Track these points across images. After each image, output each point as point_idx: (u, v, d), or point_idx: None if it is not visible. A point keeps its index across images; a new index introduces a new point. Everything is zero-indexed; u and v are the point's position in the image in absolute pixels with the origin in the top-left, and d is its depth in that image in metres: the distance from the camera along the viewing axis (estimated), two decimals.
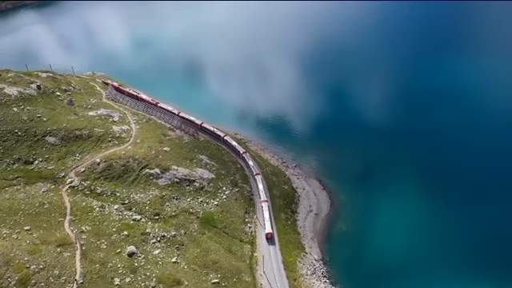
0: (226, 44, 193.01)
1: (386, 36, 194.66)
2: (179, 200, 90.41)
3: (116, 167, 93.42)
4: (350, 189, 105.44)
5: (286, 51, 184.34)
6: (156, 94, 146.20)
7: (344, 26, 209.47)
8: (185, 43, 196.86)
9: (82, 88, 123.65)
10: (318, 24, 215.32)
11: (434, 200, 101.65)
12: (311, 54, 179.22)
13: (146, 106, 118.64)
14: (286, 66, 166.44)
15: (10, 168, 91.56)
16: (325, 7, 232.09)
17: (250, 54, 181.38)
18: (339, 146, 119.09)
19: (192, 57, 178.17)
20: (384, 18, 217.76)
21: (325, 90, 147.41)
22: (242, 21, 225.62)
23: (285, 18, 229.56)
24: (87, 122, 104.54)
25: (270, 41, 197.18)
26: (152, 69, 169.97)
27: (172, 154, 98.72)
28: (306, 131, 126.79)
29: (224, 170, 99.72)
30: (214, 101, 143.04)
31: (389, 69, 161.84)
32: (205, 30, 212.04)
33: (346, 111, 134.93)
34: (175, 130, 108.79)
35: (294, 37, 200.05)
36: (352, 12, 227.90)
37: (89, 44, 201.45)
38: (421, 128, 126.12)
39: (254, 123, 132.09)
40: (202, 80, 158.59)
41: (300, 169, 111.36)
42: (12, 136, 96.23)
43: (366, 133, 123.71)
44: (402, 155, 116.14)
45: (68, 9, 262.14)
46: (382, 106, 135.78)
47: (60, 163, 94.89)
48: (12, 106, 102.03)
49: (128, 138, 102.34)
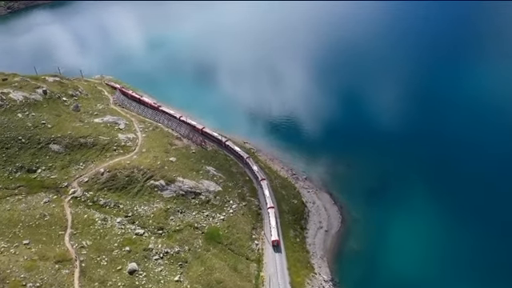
0: (238, 45, 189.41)
1: (400, 37, 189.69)
2: (184, 214, 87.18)
3: (120, 178, 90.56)
4: (362, 204, 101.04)
5: (298, 53, 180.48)
6: (164, 97, 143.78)
7: (358, 26, 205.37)
8: (197, 44, 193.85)
9: (89, 93, 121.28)
10: (332, 24, 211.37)
11: (450, 216, 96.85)
12: (324, 55, 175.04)
13: (152, 113, 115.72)
14: (298, 69, 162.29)
15: (13, 176, 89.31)
16: (339, 7, 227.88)
17: (262, 56, 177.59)
18: (352, 156, 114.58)
19: (204, 59, 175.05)
20: (398, 18, 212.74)
21: (337, 95, 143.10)
22: (256, 21, 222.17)
23: (298, 17, 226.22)
24: (92, 129, 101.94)
25: (282, 42, 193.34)
26: (163, 71, 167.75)
27: (178, 165, 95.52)
28: (317, 139, 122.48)
29: (231, 183, 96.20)
30: (224, 106, 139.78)
31: (403, 71, 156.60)
32: (217, 30, 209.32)
33: (358, 118, 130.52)
34: (182, 138, 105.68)
35: (308, 37, 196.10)
36: (366, 12, 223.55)
37: (100, 45, 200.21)
38: (438, 137, 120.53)
39: (263, 130, 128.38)
40: (213, 84, 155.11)
41: (310, 181, 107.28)
42: (15, 143, 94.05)
43: (379, 142, 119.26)
44: (417, 167, 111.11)
45: (81, 9, 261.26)
46: (396, 112, 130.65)
47: (63, 172, 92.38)
48: (17, 112, 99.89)
49: (133, 147, 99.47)
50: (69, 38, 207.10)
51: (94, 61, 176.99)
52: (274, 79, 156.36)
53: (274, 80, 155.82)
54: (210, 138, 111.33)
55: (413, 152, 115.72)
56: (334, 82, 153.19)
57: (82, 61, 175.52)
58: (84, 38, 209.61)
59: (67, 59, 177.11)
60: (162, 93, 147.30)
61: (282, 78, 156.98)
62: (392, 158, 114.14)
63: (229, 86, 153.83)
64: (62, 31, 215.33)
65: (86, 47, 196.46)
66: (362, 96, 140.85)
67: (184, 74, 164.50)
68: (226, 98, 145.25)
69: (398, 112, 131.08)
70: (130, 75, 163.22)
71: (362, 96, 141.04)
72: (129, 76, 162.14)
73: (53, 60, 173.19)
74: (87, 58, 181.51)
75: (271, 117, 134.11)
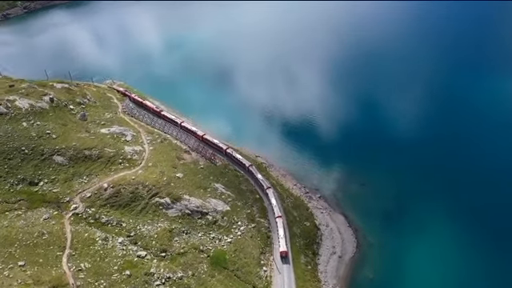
0: (255, 47, 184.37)
1: (421, 38, 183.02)
2: (189, 235, 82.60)
3: (124, 194, 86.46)
4: (378, 227, 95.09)
5: (317, 55, 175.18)
6: (173, 103, 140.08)
7: (379, 27, 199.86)
8: (214, 46, 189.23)
9: (97, 100, 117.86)
10: (352, 24, 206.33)
11: (472, 244, 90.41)
12: (343, 57, 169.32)
13: (161, 123, 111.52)
14: (315, 73, 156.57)
15: (14, 189, 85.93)
16: (359, 7, 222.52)
17: (279, 60, 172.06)
18: (367, 173, 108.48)
19: (220, 62, 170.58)
20: (420, 18, 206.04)
21: (355, 103, 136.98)
22: (274, 21, 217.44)
23: (318, 17, 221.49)
24: (98, 140, 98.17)
25: (301, 43, 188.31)
26: (176, 75, 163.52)
27: (185, 182, 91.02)
28: (333, 153, 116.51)
29: (241, 202, 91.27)
30: (237, 115, 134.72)
31: (424, 76, 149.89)
32: (236, 31, 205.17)
33: (375, 130, 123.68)
34: (191, 152, 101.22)
35: (327, 38, 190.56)
36: (387, 12, 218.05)
37: (115, 47, 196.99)
38: (460, 154, 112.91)
39: (277, 142, 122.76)
40: (228, 89, 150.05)
41: (324, 200, 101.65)
42: (18, 154, 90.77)
43: (396, 158, 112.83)
44: (437, 187, 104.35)
45: (98, 9, 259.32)
46: (414, 124, 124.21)
47: (66, 186, 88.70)
48: (21, 121, 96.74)
49: (139, 161, 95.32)
50: (83, 39, 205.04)
51: (107, 63, 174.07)
52: (290, 84, 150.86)
53: (290, 85, 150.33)
54: (211, 146, 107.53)
55: (433, 170, 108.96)
56: (353, 89, 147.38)
57: (95, 64, 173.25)
58: (99, 39, 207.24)
59: (80, 62, 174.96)
60: (172, 98, 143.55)
61: (299, 83, 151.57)
62: (410, 176, 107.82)
63: (244, 93, 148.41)
64: (77, 32, 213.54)
65: (101, 49, 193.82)
66: (380, 104, 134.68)
67: (197, 78, 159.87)
68: (241, 106, 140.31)
69: (416, 124, 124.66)
70: (142, 79, 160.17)
71: (379, 104, 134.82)
72: (141, 80, 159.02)
73: (65, 63, 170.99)
74: (101, 60, 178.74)
75: (285, 127, 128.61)
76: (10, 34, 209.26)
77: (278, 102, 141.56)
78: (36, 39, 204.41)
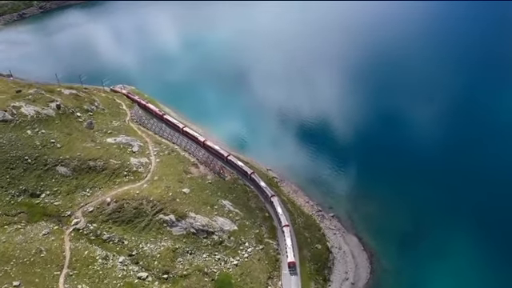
0: (272, 49, 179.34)
1: (441, 39, 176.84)
2: (193, 255, 78.42)
3: (127, 209, 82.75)
4: (396, 251, 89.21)
5: (334, 58, 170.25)
6: (184, 108, 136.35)
7: (398, 28, 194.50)
8: (229, 48, 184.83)
9: (106, 107, 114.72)
10: (371, 25, 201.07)
11: (502, 274, 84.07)
12: (362, 62, 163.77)
13: (169, 133, 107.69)
14: (332, 78, 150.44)
15: (14, 201, 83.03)
16: (380, 7, 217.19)
17: (295, 64, 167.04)
18: (386, 194, 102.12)
19: (235, 65, 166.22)
20: (441, 19, 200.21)
21: (374, 116, 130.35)
22: (292, 22, 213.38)
23: (336, 17, 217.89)
24: (104, 150, 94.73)
25: (318, 44, 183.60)
26: (189, 78, 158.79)
27: (191, 198, 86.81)
28: (349, 170, 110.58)
29: (249, 221, 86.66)
30: (249, 124, 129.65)
31: (447, 83, 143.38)
32: (253, 31, 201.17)
33: (396, 147, 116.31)
34: (199, 165, 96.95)
35: (344, 40, 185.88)
36: (407, 12, 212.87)
37: (129, 49, 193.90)
38: (484, 173, 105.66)
39: (289, 155, 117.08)
40: (241, 95, 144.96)
41: (338, 220, 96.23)
42: (21, 163, 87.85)
43: (415, 176, 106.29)
44: (458, 209, 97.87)
45: (115, 9, 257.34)
46: (440, 140, 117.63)
47: (68, 198, 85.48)
48: (26, 129, 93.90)
49: (145, 174, 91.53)
50: (97, 40, 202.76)
51: (120, 66, 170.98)
52: (306, 90, 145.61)
53: (306, 91, 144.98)
54: (212, 152, 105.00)
55: (455, 192, 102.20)
56: (371, 97, 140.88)
57: (107, 66, 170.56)
58: (113, 40, 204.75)
59: (93, 64, 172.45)
60: (184, 104, 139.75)
61: (315, 88, 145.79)
62: (430, 197, 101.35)
63: (258, 98, 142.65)
64: (91, 33, 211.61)
65: (114, 51, 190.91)
66: (400, 115, 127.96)
67: (211, 82, 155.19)
68: (254, 113, 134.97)
69: (439, 140, 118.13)
70: (154, 83, 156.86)
71: (399, 115, 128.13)
72: (153, 83, 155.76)
73: (78, 64, 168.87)
74: (113, 62, 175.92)
75: (299, 138, 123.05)
76: (26, 33, 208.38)
77: (293, 110, 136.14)
78: (51, 39, 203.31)
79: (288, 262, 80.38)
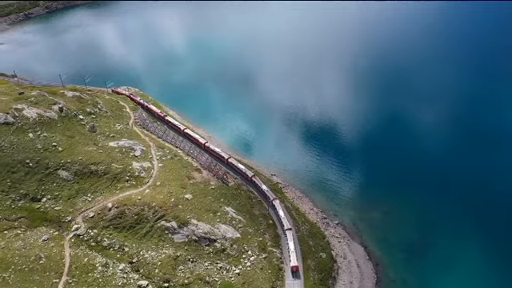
0: (277, 51, 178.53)
1: (458, 42, 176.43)
2: (195, 263, 76.85)
3: (128, 215, 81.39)
4: (402, 261, 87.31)
5: (343, 62, 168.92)
6: (189, 112, 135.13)
7: (416, 29, 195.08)
8: (240, 50, 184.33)
9: (109, 110, 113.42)
10: (383, 25, 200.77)
11: (509, 284, 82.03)
12: (371, 66, 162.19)
13: (173, 137, 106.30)
14: (340, 85, 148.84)
15: (15, 205, 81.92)
16: (400, 5, 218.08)
17: (300, 65, 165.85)
18: (393, 201, 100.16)
19: (244, 67, 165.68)
20: (464, 20, 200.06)
21: (382, 121, 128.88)
22: (303, 22, 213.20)
23: (353, 18, 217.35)
24: (106, 154, 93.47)
25: (328, 47, 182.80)
26: (194, 82, 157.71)
27: (194, 204, 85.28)
28: (355, 176, 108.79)
29: (252, 228, 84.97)
30: (253, 128, 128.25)
31: (461, 89, 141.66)
32: (261, 32, 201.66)
33: (404, 153, 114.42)
34: (202, 170, 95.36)
35: (357, 42, 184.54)
36: (427, 13, 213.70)
37: (134, 50, 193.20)
38: (498, 183, 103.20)
39: (294, 160, 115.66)
40: (247, 99, 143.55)
41: (343, 228, 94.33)
42: (22, 167, 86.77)
43: (427, 185, 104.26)
44: (471, 219, 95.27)
45: (121, 9, 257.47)
46: (449, 147, 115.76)
47: (69, 203, 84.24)
48: (28, 132, 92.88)
49: (147, 179, 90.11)
50: (103, 40, 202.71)
51: (124, 67, 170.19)
52: (312, 95, 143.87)
53: (312, 96, 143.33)
54: (213, 155, 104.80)
55: (464, 200, 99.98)
56: (380, 102, 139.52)
57: (112, 67, 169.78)
58: (118, 41, 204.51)
59: (97, 65, 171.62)
60: (189, 107, 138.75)
61: (322, 94, 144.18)
62: (438, 205, 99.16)
63: (263, 102, 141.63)
64: (96, 33, 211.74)
65: (120, 52, 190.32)
66: (409, 121, 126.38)
67: (217, 85, 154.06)
68: (259, 117, 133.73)
69: (448, 148, 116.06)
70: (159, 85, 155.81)
71: (408, 121, 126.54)
72: (158, 85, 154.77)
73: (83, 65, 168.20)
74: (118, 64, 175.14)
75: (304, 143, 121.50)
76: (31, 33, 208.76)
77: (299, 114, 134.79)
78: (56, 40, 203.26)
79: (291, 267, 79.00)
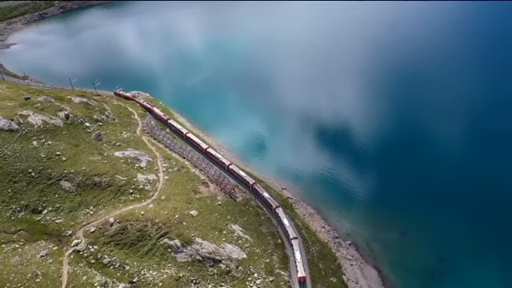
0: (298, 56, 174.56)
1: (489, 47, 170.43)
2: (198, 286, 72.87)
3: (131, 232, 77.90)
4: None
5: (362, 67, 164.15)
6: (199, 119, 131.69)
7: (445, 31, 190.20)
8: (253, 52, 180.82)
9: (117, 116, 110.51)
10: (407, 27, 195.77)
11: None
12: (392, 72, 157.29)
13: (180, 147, 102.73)
14: (357, 92, 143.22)
15: (15, 217, 79.16)
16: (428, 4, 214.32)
17: (317, 71, 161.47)
18: (411, 221, 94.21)
19: (255, 73, 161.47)
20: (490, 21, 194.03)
21: (401, 133, 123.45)
22: (323, 23, 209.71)
23: (372, 18, 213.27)
24: (110, 165, 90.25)
25: (347, 50, 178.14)
26: (205, 87, 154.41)
27: (199, 221, 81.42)
28: (371, 192, 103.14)
29: (259, 248, 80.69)
30: (265, 138, 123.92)
31: (483, 100, 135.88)
32: (278, 35, 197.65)
33: (424, 169, 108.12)
34: (209, 184, 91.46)
35: (377, 46, 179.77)
36: (460, 14, 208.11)
37: (147, 52, 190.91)
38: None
39: (306, 175, 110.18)
40: (260, 106, 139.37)
41: (356, 249, 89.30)
42: (24, 177, 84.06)
43: (449, 204, 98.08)
44: (492, 241, 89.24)
45: (136, 10, 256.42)
46: (474, 163, 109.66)
47: (70, 216, 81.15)
48: (32, 139, 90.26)
49: (152, 192, 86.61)
50: (115, 42, 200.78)
51: (136, 70, 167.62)
52: (327, 103, 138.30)
53: (327, 104, 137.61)
54: (214, 160, 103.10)
55: (484, 221, 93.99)
56: (396, 113, 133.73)
57: (123, 70, 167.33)
58: (131, 43, 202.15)
59: (109, 67, 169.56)
60: (200, 113, 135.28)
61: (338, 102, 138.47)
62: (457, 226, 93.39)
63: (277, 110, 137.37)
64: (109, 35, 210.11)
65: (131, 54, 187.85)
66: (431, 133, 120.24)
67: (230, 92, 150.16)
68: (272, 126, 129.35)
69: (473, 164, 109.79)
70: (171, 89, 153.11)
71: (430, 133, 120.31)
72: (169, 90, 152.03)
73: (93, 68, 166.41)
74: (130, 67, 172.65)
75: (318, 154, 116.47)
76: (45, 34, 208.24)
77: (313, 125, 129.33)
78: (69, 41, 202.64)
79: (298, 277, 76.36)
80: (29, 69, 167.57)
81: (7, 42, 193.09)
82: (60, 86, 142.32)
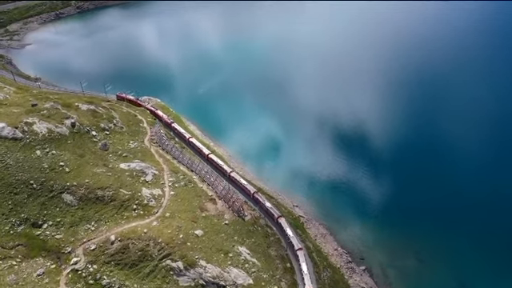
0: (319, 60, 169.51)
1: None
2: None
3: (132, 251, 74.05)
4: None
5: (384, 74, 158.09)
6: (208, 127, 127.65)
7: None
8: (272, 56, 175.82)
9: (125, 125, 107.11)
10: (430, 28, 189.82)
11: None
12: (416, 80, 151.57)
13: (189, 160, 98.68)
14: (376, 102, 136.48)
15: (14, 231, 76.12)
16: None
17: (338, 79, 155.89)
18: (430, 247, 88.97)
19: (271, 78, 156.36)
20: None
21: (423, 149, 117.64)
22: (344, 23, 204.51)
23: (393, 18, 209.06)
24: (114, 178, 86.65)
25: (368, 53, 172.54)
26: (219, 94, 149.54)
27: (204, 242, 77.11)
28: (385, 213, 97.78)
29: (267, 273, 75.96)
30: (278, 149, 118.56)
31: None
32: (298, 35, 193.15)
33: (446, 189, 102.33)
34: (217, 201, 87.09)
35: (396, 45, 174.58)
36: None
37: (161, 55, 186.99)
38: None
39: (319, 191, 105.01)
40: (275, 113, 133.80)
41: (370, 275, 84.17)
42: (26, 188, 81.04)
43: (467, 225, 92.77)
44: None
45: (153, 10, 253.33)
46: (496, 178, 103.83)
47: (71, 232, 77.80)
48: (36, 149, 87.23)
49: (156, 209, 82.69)
50: (131, 44, 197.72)
51: (149, 75, 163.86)
52: (345, 113, 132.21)
53: (345, 114, 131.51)
54: (215, 166, 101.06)
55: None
56: (419, 123, 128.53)
57: (136, 74, 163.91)
58: (146, 45, 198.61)
59: (121, 70, 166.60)
60: (211, 120, 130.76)
61: (358, 111, 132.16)
62: (480, 250, 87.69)
63: (292, 118, 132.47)
64: (124, 36, 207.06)
65: (146, 56, 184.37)
66: (455, 148, 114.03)
67: (247, 98, 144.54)
68: (286, 135, 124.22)
69: (493, 181, 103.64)
70: (183, 94, 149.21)
71: (454, 148, 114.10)
72: (181, 95, 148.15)
73: (106, 70, 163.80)
74: (143, 70, 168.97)
75: (331, 171, 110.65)
76: (60, 34, 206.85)
77: (331, 134, 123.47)
78: (84, 42, 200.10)
79: None
80: (42, 70, 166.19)
81: (23, 42, 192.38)
82: (71, 89, 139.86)
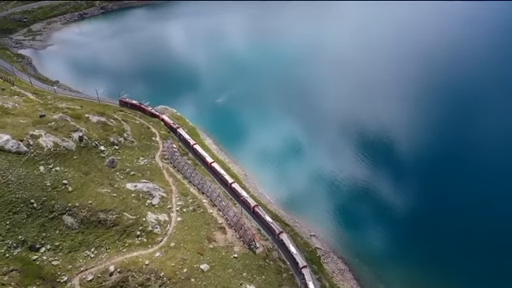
0: (354, 70, 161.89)
1: None
2: None
3: (131, 285, 68.41)
4: None
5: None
6: (226, 142, 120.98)
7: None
8: (302, 64, 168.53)
9: (136, 138, 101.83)
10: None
11: None
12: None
13: (200, 180, 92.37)
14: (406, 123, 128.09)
15: (10, 254, 71.47)
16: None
17: (366, 91, 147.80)
18: (456, 274, 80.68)
19: (300, 89, 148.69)
20: None
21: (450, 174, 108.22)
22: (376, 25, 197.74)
23: (423, 18, 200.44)
24: (119, 200, 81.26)
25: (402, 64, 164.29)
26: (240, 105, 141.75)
27: (209, 278, 70.68)
28: (411, 249, 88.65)
29: None
30: (298, 172, 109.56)
31: None
32: (332, 38, 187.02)
33: (476, 218, 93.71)
34: (227, 230, 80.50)
35: (428, 47, 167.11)
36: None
37: (184, 60, 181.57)
38: None
39: (341, 221, 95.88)
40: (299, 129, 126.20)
41: None
42: (26, 207, 76.46)
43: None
44: None
45: (178, 11, 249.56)
46: None
47: (69, 258, 72.74)
48: (39, 164, 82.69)
49: (161, 237, 76.79)
50: (153, 47, 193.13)
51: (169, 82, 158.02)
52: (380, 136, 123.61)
53: (379, 138, 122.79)
54: (217, 175, 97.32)
55: None
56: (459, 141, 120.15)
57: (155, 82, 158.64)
58: (170, 48, 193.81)
59: (140, 76, 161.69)
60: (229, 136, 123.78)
61: (390, 130, 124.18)
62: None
63: (317, 136, 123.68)
64: (147, 38, 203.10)
65: (167, 61, 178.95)
66: (487, 167, 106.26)
67: (270, 110, 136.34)
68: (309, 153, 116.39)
69: None
70: (202, 104, 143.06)
71: (485, 167, 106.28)
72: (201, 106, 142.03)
73: (123, 76, 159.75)
74: (163, 76, 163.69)
75: (354, 197, 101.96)
76: (83, 35, 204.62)
77: (356, 161, 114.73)
78: (106, 44, 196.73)
79: None
80: (61, 72, 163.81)
81: (45, 42, 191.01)
82: (87, 94, 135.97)
